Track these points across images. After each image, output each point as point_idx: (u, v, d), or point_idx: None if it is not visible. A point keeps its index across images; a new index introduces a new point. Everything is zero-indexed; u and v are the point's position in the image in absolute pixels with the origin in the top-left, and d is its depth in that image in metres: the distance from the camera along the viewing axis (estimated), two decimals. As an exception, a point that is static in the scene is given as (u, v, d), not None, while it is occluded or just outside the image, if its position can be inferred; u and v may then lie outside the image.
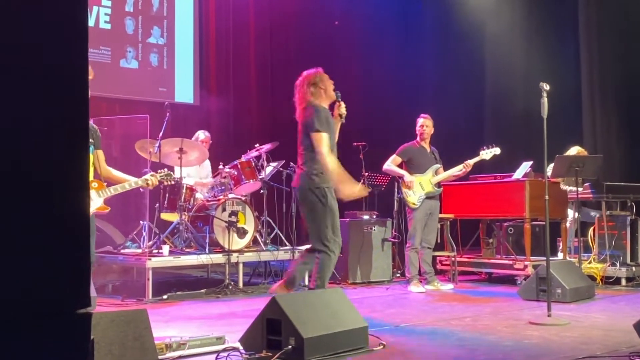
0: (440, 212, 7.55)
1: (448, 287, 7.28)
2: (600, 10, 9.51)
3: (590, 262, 7.35)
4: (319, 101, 5.12)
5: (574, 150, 8.16)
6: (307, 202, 4.88)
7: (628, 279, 7.17)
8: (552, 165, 7.20)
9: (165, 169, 5.28)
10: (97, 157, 4.63)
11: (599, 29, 9.47)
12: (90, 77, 4.54)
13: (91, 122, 4.64)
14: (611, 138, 9.50)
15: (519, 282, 7.19)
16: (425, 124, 7.29)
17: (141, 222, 7.20)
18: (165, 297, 6.37)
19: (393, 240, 8.01)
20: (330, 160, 4.81)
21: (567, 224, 7.80)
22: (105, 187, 4.46)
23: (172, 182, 5.39)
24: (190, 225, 7.08)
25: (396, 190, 7.93)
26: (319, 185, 4.84)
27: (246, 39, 10.80)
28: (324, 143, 4.86)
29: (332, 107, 5.25)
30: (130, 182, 4.78)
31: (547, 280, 5.43)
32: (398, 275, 8.08)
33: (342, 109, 5.27)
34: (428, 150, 7.36)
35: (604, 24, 9.43)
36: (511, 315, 5.40)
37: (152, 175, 4.94)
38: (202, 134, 7.93)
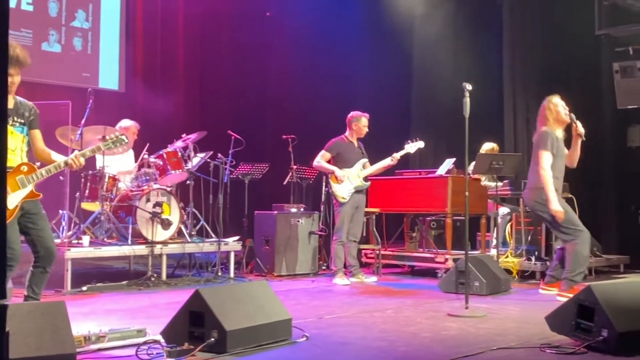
0: (367, 206, 7.67)
1: (372, 279, 7.40)
2: (524, 13, 9.80)
3: (507, 257, 7.60)
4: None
5: (487, 146, 8.41)
6: None
7: (542, 274, 7.44)
8: (473, 162, 7.41)
9: (117, 133, 4.83)
10: (33, 138, 4.41)
11: (521, 31, 9.77)
12: (28, 63, 4.37)
13: (27, 101, 4.44)
14: (530, 137, 9.81)
15: (440, 275, 7.37)
16: (368, 125, 7.41)
17: (60, 211, 7.01)
18: (84, 288, 6.24)
19: (320, 233, 8.07)
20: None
21: (499, 219, 8.04)
22: (36, 170, 4.24)
23: (124, 145, 4.85)
24: (112, 215, 6.94)
25: (324, 183, 7.99)
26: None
27: (175, 26, 10.63)
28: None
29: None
30: (56, 163, 4.39)
31: (465, 273, 5.59)
32: (324, 267, 8.16)
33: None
34: (356, 145, 7.45)
35: (527, 27, 9.73)
36: (431, 307, 5.54)
37: (75, 156, 4.43)
38: (127, 122, 7.74)
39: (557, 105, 6.15)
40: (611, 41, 9.28)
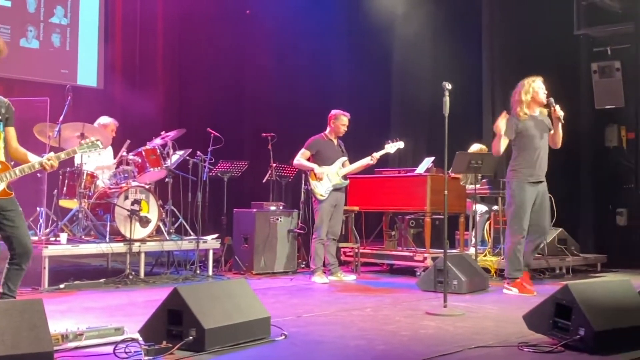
0: (346, 205, 7.68)
1: (351, 278, 7.41)
2: (502, 13, 9.87)
3: (485, 255, 7.65)
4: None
5: (475, 147, 8.46)
6: None
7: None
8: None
9: (93, 137, 4.77)
10: (8, 135, 4.35)
11: (500, 31, 9.84)
12: (4, 52, 4.30)
13: (2, 97, 4.38)
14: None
15: (419, 273, 7.39)
16: (347, 124, 7.40)
17: (38, 208, 6.94)
18: (62, 286, 6.18)
19: (299, 231, 8.07)
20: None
21: (477, 218, 8.08)
22: (10, 168, 4.19)
23: (99, 151, 4.79)
24: (90, 213, 6.88)
25: (303, 181, 7.99)
26: None
27: (154, 24, 10.56)
28: None
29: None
30: (30, 164, 4.34)
31: (444, 272, 5.62)
32: (303, 266, 8.15)
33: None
34: (335, 143, 7.45)
35: (505, 27, 9.80)
36: (410, 305, 5.56)
37: (48, 159, 4.37)
38: (106, 119, 7.69)
39: (537, 87, 6.26)
40: (589, 41, 9.39)
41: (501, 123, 6.25)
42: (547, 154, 6.32)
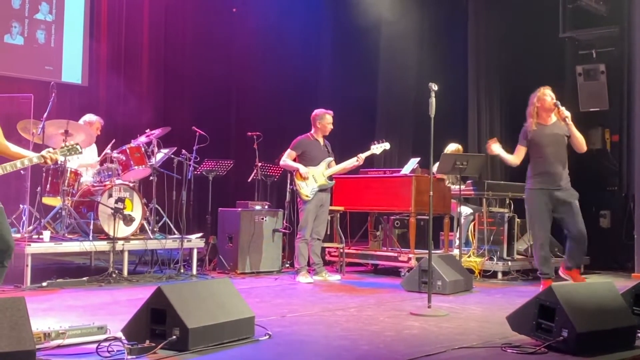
0: (331, 205, 7.68)
1: (335, 278, 7.41)
2: (488, 15, 9.93)
3: (469, 256, 7.68)
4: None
5: (452, 147, 8.49)
6: None
7: (504, 273, 7.55)
8: (438, 162, 7.47)
9: (72, 141, 4.78)
10: None
11: (486, 34, 9.89)
12: None
13: None
14: (494, 138, 9.95)
15: (403, 273, 7.40)
16: (332, 122, 7.40)
17: (21, 205, 6.88)
18: (44, 284, 6.13)
19: (284, 231, 8.06)
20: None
21: (462, 219, 8.11)
22: None
23: (78, 154, 4.84)
24: (73, 210, 6.83)
25: (289, 181, 7.98)
26: None
27: (140, 21, 10.49)
28: None
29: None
30: (25, 159, 4.33)
31: (428, 272, 5.63)
32: (287, 265, 8.14)
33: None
34: (321, 143, 7.45)
35: (491, 29, 9.86)
36: (394, 306, 5.57)
37: (48, 152, 4.43)
38: (91, 117, 7.64)
39: (542, 95, 6.35)
40: (575, 44, 9.45)
41: (495, 148, 6.56)
42: (566, 161, 6.41)
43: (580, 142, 6.42)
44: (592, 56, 9.26)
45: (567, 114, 6.30)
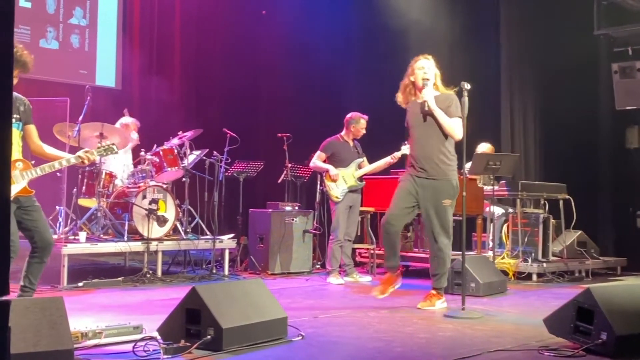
0: (361, 206, 7.65)
1: (366, 279, 7.39)
2: (521, 12, 9.81)
3: (503, 258, 7.59)
4: None
5: (484, 147, 8.39)
6: None
7: (539, 275, 7.44)
8: (470, 162, 7.39)
9: (108, 141, 4.92)
10: (28, 133, 4.41)
11: (519, 31, 9.77)
12: (30, 70, 4.39)
13: (21, 96, 4.45)
14: (528, 138, 9.85)
15: (436, 275, 7.33)
16: (366, 127, 7.38)
17: (57, 207, 7.00)
18: (81, 284, 6.22)
19: (314, 232, 8.06)
20: None
21: (495, 220, 8.02)
22: (31, 167, 4.25)
23: (114, 154, 4.93)
24: (108, 212, 6.92)
25: (319, 182, 7.98)
26: None
27: (171, 25, 10.60)
28: None
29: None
30: (62, 160, 4.44)
31: (462, 274, 5.58)
32: (318, 266, 8.14)
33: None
34: (351, 144, 7.44)
35: (524, 26, 9.74)
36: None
37: (85, 152, 4.52)
38: (127, 119, 7.77)
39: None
40: (610, 41, 9.28)
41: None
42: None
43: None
44: (628, 53, 9.10)
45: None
